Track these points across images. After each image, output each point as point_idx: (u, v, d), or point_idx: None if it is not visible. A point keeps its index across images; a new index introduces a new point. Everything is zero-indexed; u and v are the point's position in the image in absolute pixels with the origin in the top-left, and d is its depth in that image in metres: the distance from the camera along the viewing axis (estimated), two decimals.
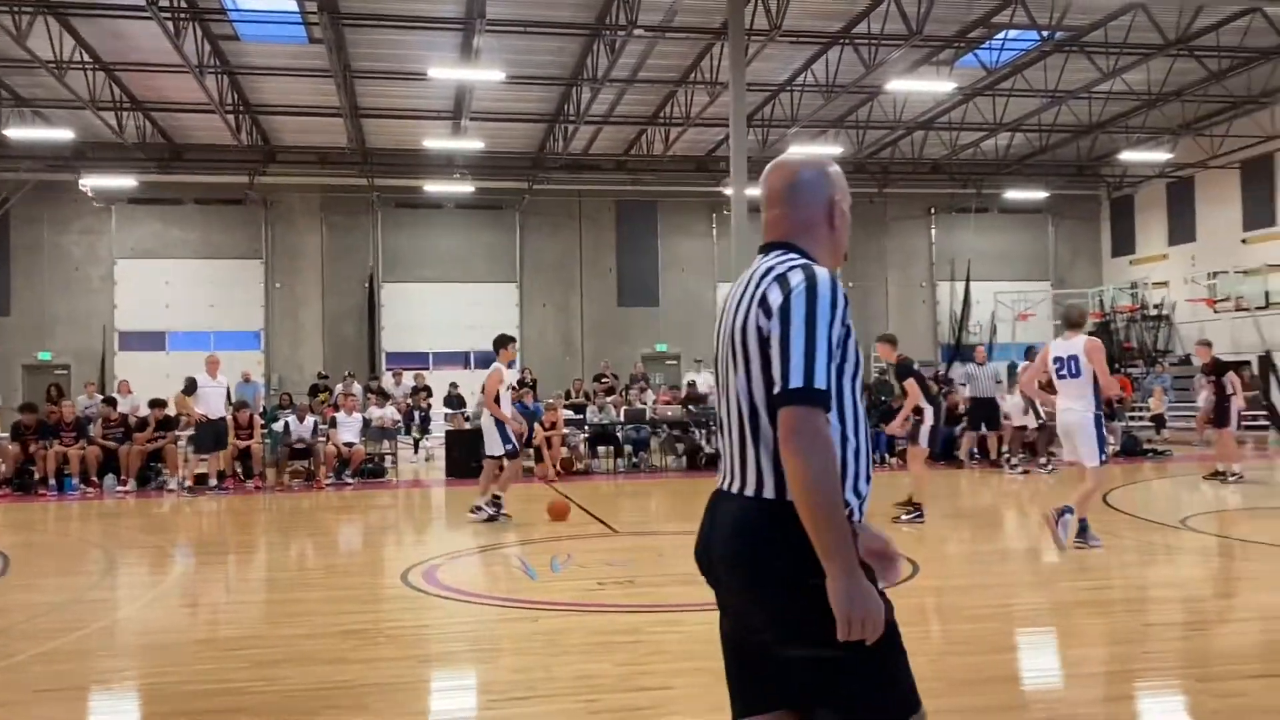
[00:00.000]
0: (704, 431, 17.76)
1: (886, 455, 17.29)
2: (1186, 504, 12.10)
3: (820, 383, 2.14)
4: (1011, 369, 22.43)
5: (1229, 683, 4.83)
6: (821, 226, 2.49)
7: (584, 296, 29.30)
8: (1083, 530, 8.50)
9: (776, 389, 2.16)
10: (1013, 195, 29.48)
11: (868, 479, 2.33)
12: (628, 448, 17.38)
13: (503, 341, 10.84)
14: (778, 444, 2.18)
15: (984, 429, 16.46)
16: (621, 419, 17.54)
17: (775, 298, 2.26)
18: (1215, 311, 26.42)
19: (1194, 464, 16.63)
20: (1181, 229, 28.75)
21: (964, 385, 16.56)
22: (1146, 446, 18.14)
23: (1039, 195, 29.55)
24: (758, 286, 2.33)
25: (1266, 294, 24.88)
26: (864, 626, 2.15)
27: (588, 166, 27.82)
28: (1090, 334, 31.74)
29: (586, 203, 29.18)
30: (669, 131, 24.59)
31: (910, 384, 10.38)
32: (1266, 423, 23.23)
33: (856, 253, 30.73)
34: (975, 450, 16.77)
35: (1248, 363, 23.93)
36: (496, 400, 10.64)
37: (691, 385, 19.84)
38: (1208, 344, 14.10)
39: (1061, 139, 26.10)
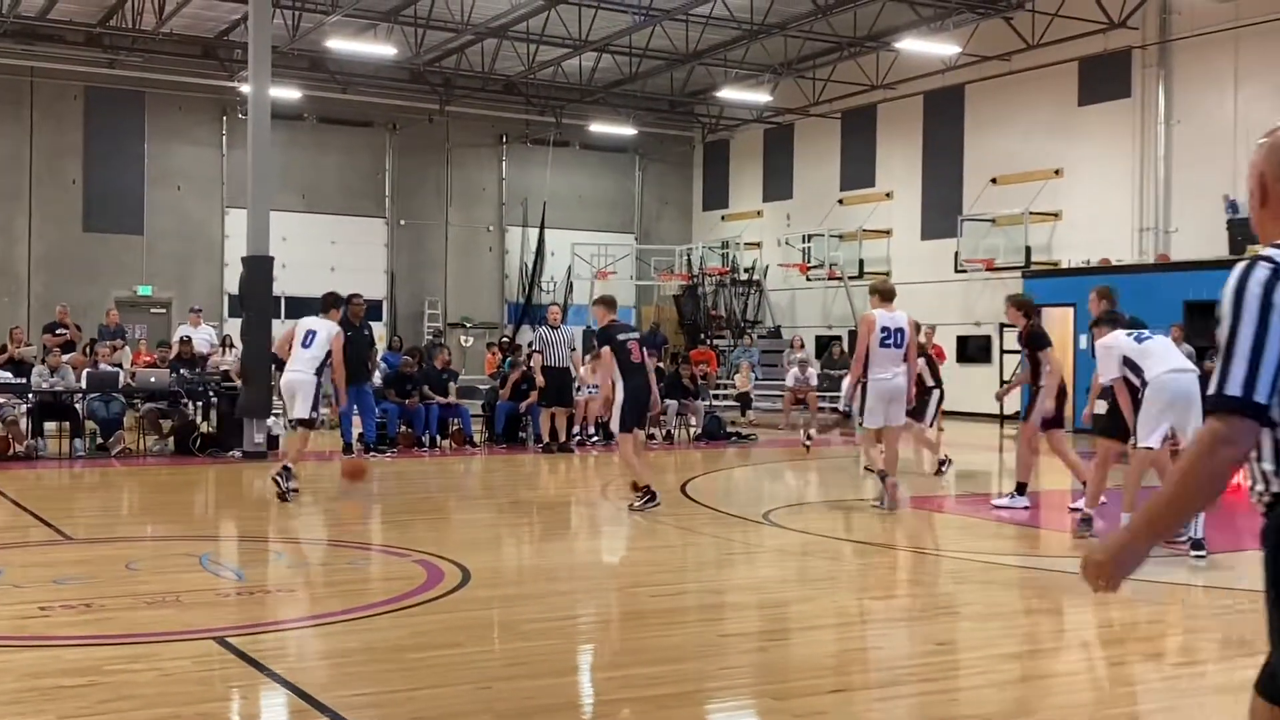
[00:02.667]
0: (200, 404, 16.87)
1: (438, 437, 17.41)
2: (769, 495, 13.32)
3: None
4: (589, 335, 23.43)
5: (807, 699, 5.29)
6: None
7: (34, 215, 26.88)
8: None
9: None
10: (597, 129, 30.89)
11: None
12: (91, 425, 16.13)
13: (334, 302, 12.44)
14: None
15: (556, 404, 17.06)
16: (84, 385, 16.21)
17: None
18: (808, 279, 29.44)
19: (780, 450, 18.41)
20: (778, 184, 31.71)
21: (539, 352, 17.09)
22: (730, 429, 19.76)
23: (626, 131, 31.20)
24: None
25: (861, 262, 28.13)
26: None
27: (46, 36, 25.62)
28: (676, 297, 33.65)
29: (42, 86, 26.73)
30: (163, 0, 22.99)
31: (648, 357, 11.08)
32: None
33: (410, 183, 30.89)
34: (539, 432, 17.33)
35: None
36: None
37: (186, 342, 18.83)
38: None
39: (654, 67, 27.68)
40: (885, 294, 11.35)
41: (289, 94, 26.13)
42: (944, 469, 14.15)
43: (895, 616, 7.26)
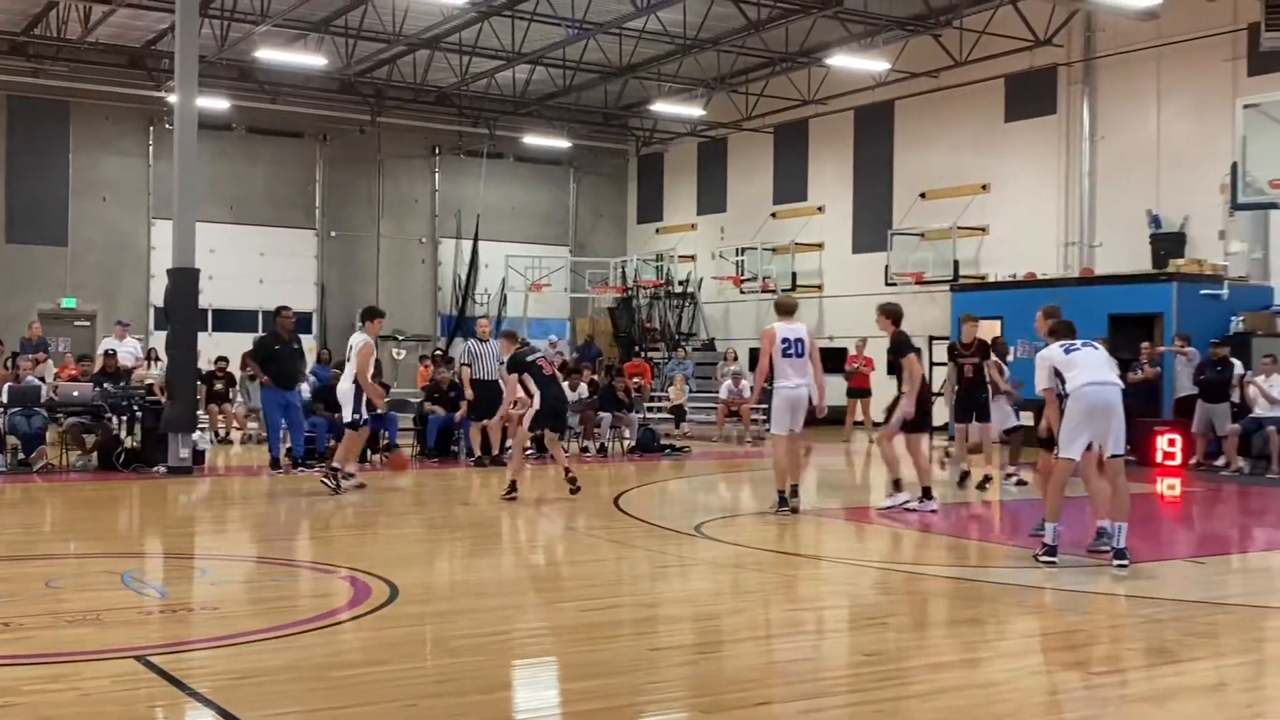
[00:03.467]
0: (124, 419, 16.58)
1: (368, 452, 17.21)
2: (703, 508, 13.35)
3: None
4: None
5: (735, 712, 5.30)
6: None
7: None
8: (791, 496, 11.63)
9: None
10: (531, 141, 30.85)
11: None
12: (13, 440, 15.79)
13: (371, 314, 14.04)
14: None
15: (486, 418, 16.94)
16: (5, 399, 15.87)
17: None
18: (742, 291, 29.58)
19: (714, 461, 18.45)
20: (712, 197, 31.86)
21: (467, 365, 16.98)
22: (664, 442, 19.78)
23: (560, 144, 31.19)
24: None
25: (794, 275, 28.32)
26: None
27: None
28: (611, 309, 33.70)
29: None
30: (89, 9, 22.65)
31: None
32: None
33: (341, 194, 30.65)
34: (470, 446, 17.21)
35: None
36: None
37: (110, 355, 18.51)
38: (975, 320, 14.74)
39: (588, 80, 27.71)
40: (783, 308, 12.10)
41: (217, 104, 25.89)
42: (967, 482, 14.09)
43: (824, 628, 7.30)
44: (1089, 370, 8.93)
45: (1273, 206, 15.38)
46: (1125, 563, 8.71)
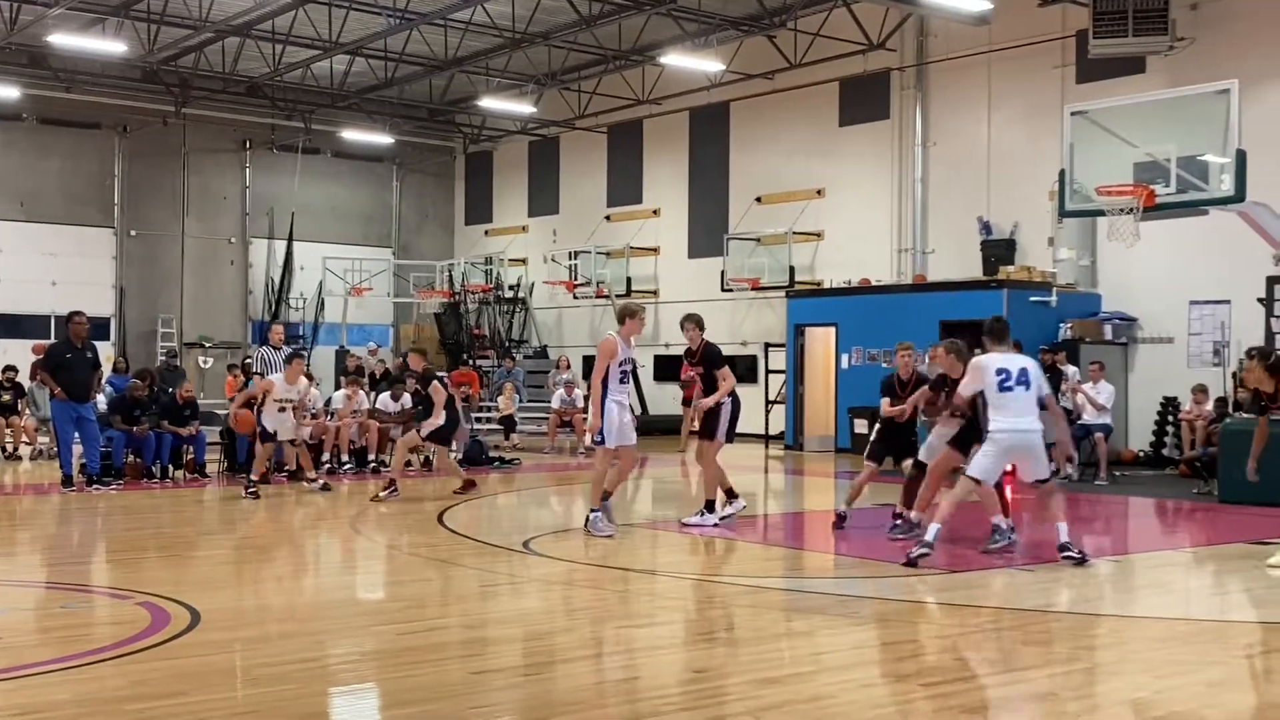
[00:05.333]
0: None
1: (170, 468, 16.68)
2: (534, 523, 13.30)
3: None
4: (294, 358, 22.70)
5: None
6: None
7: None
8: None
9: None
10: (351, 136, 30.38)
11: None
12: None
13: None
14: None
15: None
16: None
17: None
18: (575, 297, 29.62)
19: (545, 474, 18.40)
20: (544, 198, 31.84)
21: (258, 374, 16.61)
22: (493, 454, 19.65)
23: (383, 140, 30.79)
24: None
25: (629, 280, 28.48)
26: None
27: None
28: (437, 315, 33.37)
29: None
30: None
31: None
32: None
33: (143, 190, 29.72)
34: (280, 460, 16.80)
35: None
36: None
37: None
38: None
39: (412, 73, 27.41)
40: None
41: (6, 92, 24.93)
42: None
43: (655, 644, 7.33)
44: (1013, 417, 9.58)
45: (1099, 214, 15.97)
46: (1073, 555, 9.71)
